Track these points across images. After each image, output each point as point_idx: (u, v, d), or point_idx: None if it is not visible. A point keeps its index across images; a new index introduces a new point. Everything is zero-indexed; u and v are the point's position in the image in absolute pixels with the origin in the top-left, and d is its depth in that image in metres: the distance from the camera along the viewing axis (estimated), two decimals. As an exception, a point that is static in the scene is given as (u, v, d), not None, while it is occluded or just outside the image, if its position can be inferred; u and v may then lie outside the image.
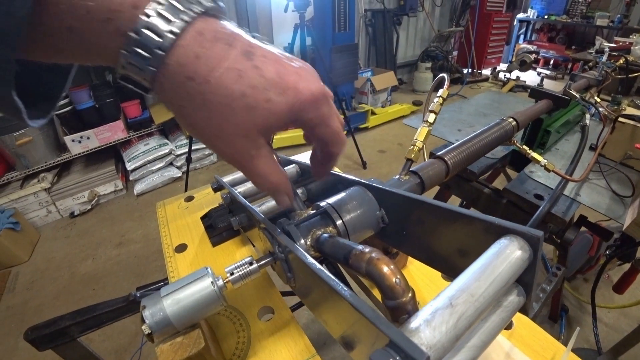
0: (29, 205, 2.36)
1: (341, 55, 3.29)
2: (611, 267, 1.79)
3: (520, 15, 6.04)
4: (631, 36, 2.45)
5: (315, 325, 1.60)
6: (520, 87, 4.85)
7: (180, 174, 2.85)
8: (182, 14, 0.23)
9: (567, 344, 0.51)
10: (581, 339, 1.57)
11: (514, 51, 6.05)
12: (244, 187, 0.63)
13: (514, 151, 1.08)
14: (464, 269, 0.37)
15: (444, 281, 0.59)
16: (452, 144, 0.66)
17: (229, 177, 0.70)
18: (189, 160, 2.44)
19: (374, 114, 3.70)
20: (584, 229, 1.01)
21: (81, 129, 2.49)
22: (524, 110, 0.88)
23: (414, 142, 0.54)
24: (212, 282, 0.38)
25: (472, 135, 0.69)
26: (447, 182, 1.10)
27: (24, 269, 2.09)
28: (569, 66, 5.48)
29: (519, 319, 0.54)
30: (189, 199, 0.87)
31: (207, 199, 0.86)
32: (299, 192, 0.65)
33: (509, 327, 0.53)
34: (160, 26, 0.22)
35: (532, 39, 6.34)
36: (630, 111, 1.12)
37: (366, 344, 0.27)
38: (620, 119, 1.03)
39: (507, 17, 5.42)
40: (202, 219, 0.73)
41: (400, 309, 0.27)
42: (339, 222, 0.40)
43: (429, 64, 4.73)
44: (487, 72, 5.55)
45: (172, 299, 0.37)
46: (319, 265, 0.30)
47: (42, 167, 2.42)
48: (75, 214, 2.51)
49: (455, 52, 5.60)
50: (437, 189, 1.33)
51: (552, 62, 5.81)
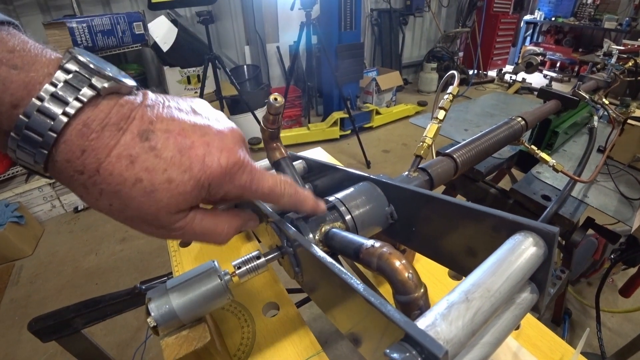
0: (33, 199, 2.37)
1: (347, 54, 3.28)
2: (615, 272, 1.78)
3: (527, 17, 6.00)
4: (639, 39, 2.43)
5: (316, 323, 1.60)
6: (526, 89, 4.83)
7: (184, 171, 2.85)
8: (66, 105, 0.21)
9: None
10: (585, 343, 1.55)
11: (520, 53, 6.01)
12: (250, 182, 0.63)
13: (521, 151, 1.07)
14: (473, 266, 0.37)
15: (451, 280, 0.58)
16: (459, 142, 0.66)
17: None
18: (193, 156, 2.44)
19: (378, 113, 3.70)
20: (590, 232, 1.00)
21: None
22: (533, 110, 0.87)
23: (424, 138, 0.54)
24: (218, 276, 0.37)
25: (480, 133, 0.68)
26: (453, 181, 1.09)
27: (27, 262, 2.10)
28: (576, 69, 5.45)
29: (527, 320, 0.53)
30: (194, 194, 0.87)
31: (212, 195, 0.85)
32: (307, 187, 0.64)
33: (517, 327, 0.52)
34: (40, 125, 0.21)
35: (539, 41, 6.30)
36: (639, 114, 1.11)
37: (377, 339, 0.26)
38: (629, 122, 1.02)
39: (514, 19, 5.40)
40: (208, 213, 0.73)
41: (412, 304, 0.27)
42: (348, 217, 0.40)
43: (435, 65, 4.71)
44: (492, 73, 5.52)
45: (179, 292, 0.36)
46: (330, 258, 0.29)
47: (47, 161, 2.43)
48: (79, 209, 2.52)
49: (461, 53, 5.58)
50: (442, 189, 1.33)
51: (558, 65, 5.78)
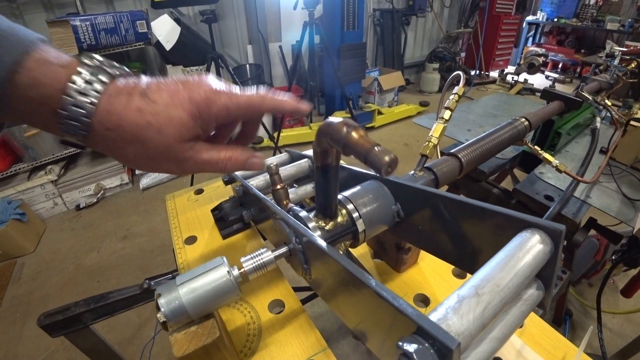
0: (35, 196, 2.38)
1: (349, 54, 3.29)
2: (616, 273, 1.78)
3: (529, 17, 5.99)
4: (642, 40, 2.43)
5: (317, 322, 1.59)
6: (527, 90, 4.82)
7: (186, 169, 2.86)
8: (94, 87, 0.30)
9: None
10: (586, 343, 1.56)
11: (522, 54, 6.02)
12: (257, 180, 0.63)
13: (524, 152, 1.07)
14: (478, 263, 0.38)
15: (455, 278, 0.58)
16: (462, 143, 0.66)
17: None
18: (195, 155, 2.44)
19: (380, 113, 3.70)
20: (591, 232, 1.00)
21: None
22: (536, 110, 0.87)
23: (429, 138, 0.54)
24: (228, 272, 0.38)
25: (485, 134, 0.68)
26: (456, 182, 1.10)
27: (29, 259, 2.11)
28: (578, 70, 5.45)
29: (530, 318, 0.54)
30: (199, 191, 0.87)
31: (217, 192, 0.86)
32: (311, 186, 0.65)
33: (520, 325, 0.53)
34: (82, 101, 0.30)
35: (541, 41, 6.29)
36: (641, 115, 1.11)
37: (385, 332, 0.27)
38: (631, 123, 1.02)
39: (516, 20, 5.39)
40: (213, 211, 0.73)
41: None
42: (356, 215, 0.40)
43: (437, 65, 4.71)
44: (494, 74, 5.51)
45: (188, 288, 0.37)
46: (341, 255, 0.30)
47: (49, 159, 2.44)
48: (81, 207, 2.53)
49: (463, 54, 5.57)
50: (444, 189, 1.33)
51: (560, 66, 5.77)
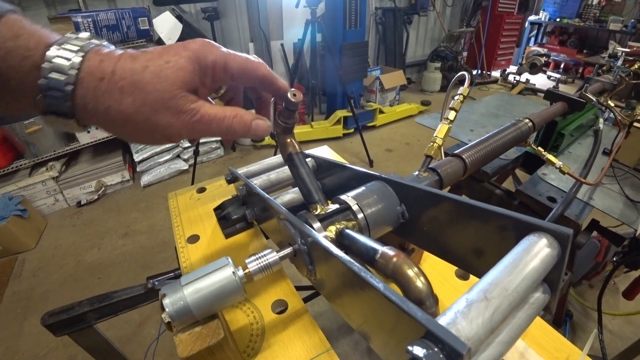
0: (36, 193, 2.38)
1: (351, 52, 3.28)
2: (617, 274, 1.78)
3: (531, 17, 5.98)
4: (645, 41, 2.42)
5: (318, 320, 1.59)
6: (529, 89, 4.82)
7: (187, 167, 2.86)
8: (83, 43, 0.30)
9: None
10: (584, 345, 1.56)
11: (524, 54, 6.00)
12: (260, 180, 0.63)
13: (527, 153, 1.07)
14: (481, 265, 0.38)
15: (458, 280, 0.58)
16: (465, 144, 0.66)
17: (244, 169, 0.70)
18: (196, 153, 2.45)
19: (382, 112, 3.70)
20: (594, 233, 1.00)
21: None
22: (540, 112, 0.87)
23: (434, 139, 0.54)
24: (233, 272, 0.38)
25: (488, 134, 0.68)
26: (459, 182, 1.09)
27: (30, 255, 2.11)
28: (580, 70, 5.44)
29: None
30: (201, 190, 0.87)
31: (219, 191, 0.86)
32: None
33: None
34: (68, 52, 0.28)
35: (543, 41, 6.29)
36: (644, 116, 1.11)
37: (390, 333, 0.27)
38: (635, 124, 1.02)
39: (519, 19, 5.37)
40: (215, 210, 0.73)
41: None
42: (361, 216, 0.40)
43: (438, 64, 4.70)
44: (496, 74, 5.51)
45: (193, 288, 0.37)
46: (347, 257, 0.30)
47: (50, 155, 2.44)
48: (82, 203, 2.53)
49: (465, 53, 5.56)
50: (447, 189, 1.33)
51: (562, 66, 5.77)
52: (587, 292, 1.83)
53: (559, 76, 5.44)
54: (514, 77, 5.15)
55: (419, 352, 0.19)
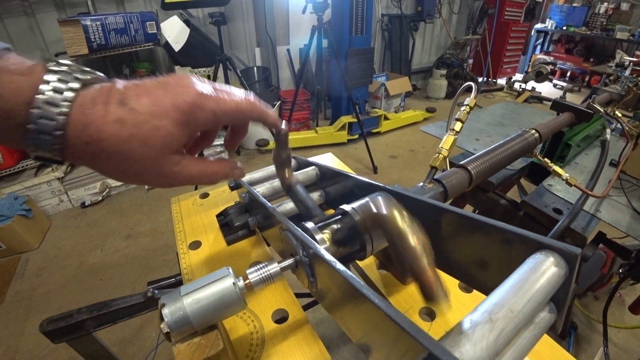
0: (41, 193, 2.40)
1: (357, 58, 3.29)
2: (623, 287, 1.76)
3: (538, 25, 5.97)
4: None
5: (319, 328, 1.59)
6: (535, 98, 4.80)
7: (191, 170, 2.86)
8: (64, 96, 0.27)
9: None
10: (590, 358, 1.54)
11: (530, 61, 5.99)
12: (263, 187, 0.63)
13: (532, 163, 1.06)
14: (485, 280, 0.37)
15: (462, 292, 0.58)
16: (471, 153, 0.66)
17: (247, 176, 0.70)
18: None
19: (386, 119, 3.69)
20: (600, 245, 0.98)
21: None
22: (547, 122, 0.86)
23: (439, 150, 0.53)
24: (233, 283, 0.37)
25: (494, 145, 0.68)
26: (464, 192, 1.09)
27: (33, 255, 2.12)
28: (586, 79, 5.41)
29: (538, 336, 0.53)
30: (204, 195, 0.87)
31: (223, 197, 0.86)
32: (317, 194, 0.64)
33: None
34: (51, 112, 0.27)
35: (549, 50, 6.26)
36: (652, 128, 1.10)
37: (391, 348, 0.26)
38: (643, 136, 1.01)
39: (525, 27, 5.38)
40: (218, 217, 0.73)
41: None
42: (363, 228, 0.40)
43: (444, 71, 4.70)
44: (502, 81, 5.50)
45: (193, 299, 0.36)
46: (349, 272, 0.29)
47: (56, 156, 2.46)
48: (86, 204, 2.54)
49: (470, 60, 5.56)
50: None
51: (568, 74, 5.74)
52: (592, 303, 1.80)
53: (565, 85, 5.42)
54: (520, 85, 5.13)
55: (421, 376, 0.19)
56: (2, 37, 2.42)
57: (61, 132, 0.27)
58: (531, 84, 5.07)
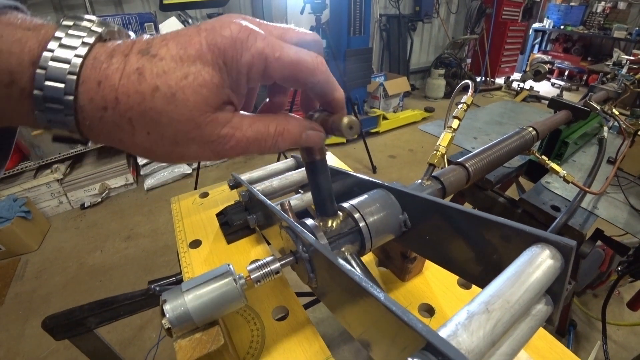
0: (41, 195, 2.40)
1: (355, 58, 3.30)
2: (622, 284, 1.76)
3: (535, 24, 6.00)
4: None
5: (319, 327, 1.59)
6: (533, 97, 4.82)
7: (190, 171, 2.87)
8: (76, 51, 0.22)
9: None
10: (588, 355, 1.54)
11: (528, 61, 6.01)
12: (262, 185, 0.63)
13: (530, 161, 1.07)
14: (483, 275, 0.38)
15: (460, 288, 0.58)
16: (469, 151, 0.66)
17: (247, 175, 0.70)
18: (200, 157, 2.45)
19: (385, 118, 3.70)
20: (598, 242, 0.99)
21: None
22: (544, 120, 0.87)
23: (437, 147, 0.54)
24: (234, 280, 0.38)
25: (492, 143, 0.68)
26: (462, 190, 1.09)
27: (33, 257, 2.12)
28: (584, 77, 5.43)
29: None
30: (204, 195, 0.88)
31: (222, 196, 0.86)
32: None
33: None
34: (59, 71, 0.21)
35: (547, 49, 6.29)
36: (649, 125, 1.10)
37: (390, 343, 0.27)
38: (640, 133, 1.01)
39: (523, 27, 5.39)
40: (218, 215, 0.73)
41: None
42: (362, 224, 0.40)
43: (442, 71, 4.72)
44: (500, 81, 5.51)
45: (194, 294, 0.37)
46: (348, 266, 0.30)
47: (55, 158, 2.46)
48: (85, 206, 2.54)
49: (468, 60, 5.58)
50: (450, 196, 1.32)
51: (566, 73, 5.76)
52: (591, 301, 1.81)
53: (563, 83, 5.44)
54: (518, 84, 5.14)
55: (419, 364, 0.19)
56: (0, 39, 2.41)
57: (72, 98, 0.22)
58: (529, 83, 5.09)
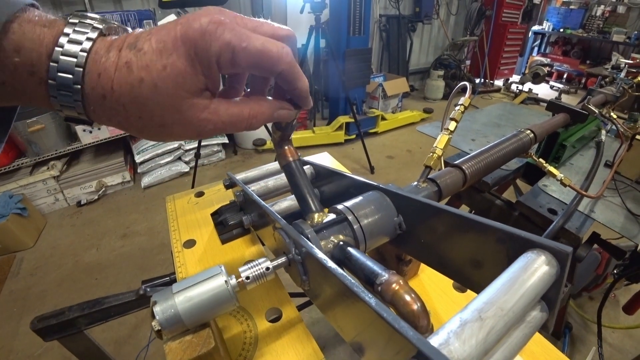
0: (37, 192, 2.38)
1: (354, 59, 3.29)
2: (618, 287, 1.77)
3: (535, 27, 6.00)
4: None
5: (314, 327, 1.59)
6: (532, 99, 4.82)
7: (187, 169, 2.86)
8: (82, 46, 0.26)
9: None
10: (584, 358, 1.54)
11: (527, 63, 6.01)
12: (257, 186, 0.62)
13: (528, 163, 1.07)
14: (478, 279, 0.37)
15: (456, 292, 0.58)
16: (467, 153, 0.66)
17: (242, 175, 0.69)
18: (197, 155, 2.44)
19: (384, 119, 3.70)
20: (595, 246, 0.99)
21: (93, 120, 2.52)
22: (542, 123, 0.86)
23: (434, 149, 0.53)
24: (225, 281, 0.37)
25: (489, 145, 0.68)
26: (459, 192, 1.09)
27: (28, 254, 2.11)
28: (583, 80, 5.44)
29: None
30: (199, 194, 0.87)
31: (218, 196, 0.85)
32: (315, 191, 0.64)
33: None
34: (69, 64, 0.25)
35: (546, 51, 6.30)
36: (648, 129, 1.10)
37: (382, 349, 0.26)
38: (637, 137, 1.01)
39: (522, 29, 5.39)
40: (213, 215, 0.73)
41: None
42: (357, 227, 0.40)
43: (441, 72, 4.72)
44: (499, 83, 5.52)
45: (184, 296, 0.36)
46: (341, 270, 0.29)
47: (52, 154, 2.45)
48: (82, 203, 2.53)
49: (468, 62, 5.58)
50: (447, 198, 1.32)
51: (565, 76, 5.77)
52: (587, 304, 1.81)
53: (561, 86, 5.45)
54: (517, 87, 5.15)
55: (410, 374, 0.19)
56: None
57: (78, 87, 0.26)
58: (528, 86, 5.09)
